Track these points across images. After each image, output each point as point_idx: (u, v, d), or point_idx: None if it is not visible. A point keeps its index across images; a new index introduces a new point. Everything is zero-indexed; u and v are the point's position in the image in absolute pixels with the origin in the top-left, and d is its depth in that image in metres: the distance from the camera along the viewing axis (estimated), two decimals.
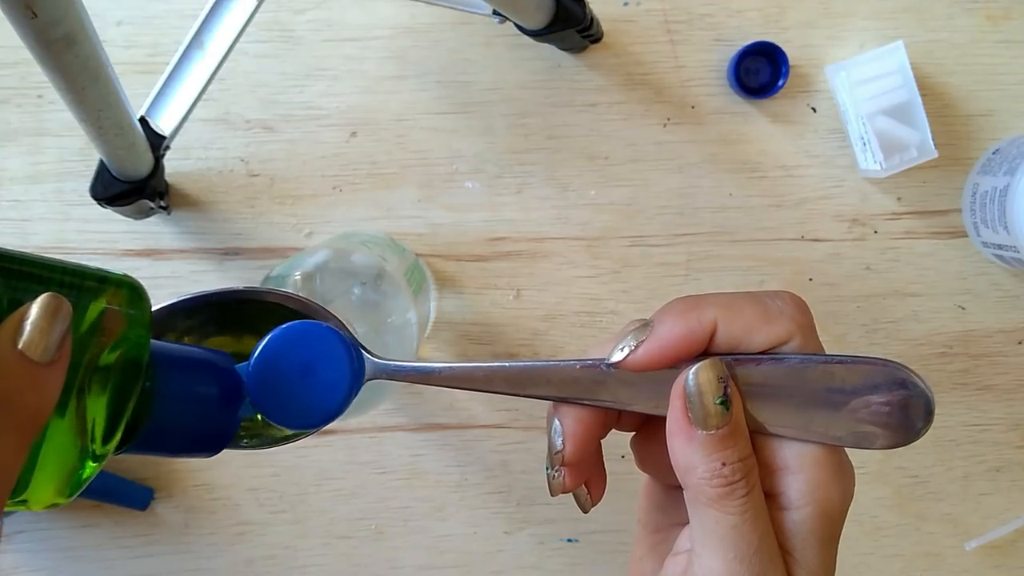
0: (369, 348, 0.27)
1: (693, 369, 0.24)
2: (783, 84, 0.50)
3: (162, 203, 0.49)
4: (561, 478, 0.27)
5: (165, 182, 0.50)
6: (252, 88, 0.51)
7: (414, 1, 0.49)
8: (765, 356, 0.25)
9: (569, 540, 0.53)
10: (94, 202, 0.45)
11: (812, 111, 0.52)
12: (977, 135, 0.51)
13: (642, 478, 0.30)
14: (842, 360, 0.25)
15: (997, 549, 0.53)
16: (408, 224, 0.51)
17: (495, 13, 0.46)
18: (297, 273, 0.41)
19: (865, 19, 0.51)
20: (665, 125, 0.51)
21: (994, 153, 0.50)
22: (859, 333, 0.52)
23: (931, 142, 0.49)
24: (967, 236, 0.52)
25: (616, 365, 0.25)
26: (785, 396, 0.25)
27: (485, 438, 0.52)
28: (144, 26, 0.51)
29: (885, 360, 0.24)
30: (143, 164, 0.44)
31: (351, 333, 0.27)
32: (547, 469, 0.27)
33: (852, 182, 0.52)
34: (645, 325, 0.25)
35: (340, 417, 0.27)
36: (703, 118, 0.51)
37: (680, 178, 0.52)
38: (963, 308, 0.52)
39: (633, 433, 0.29)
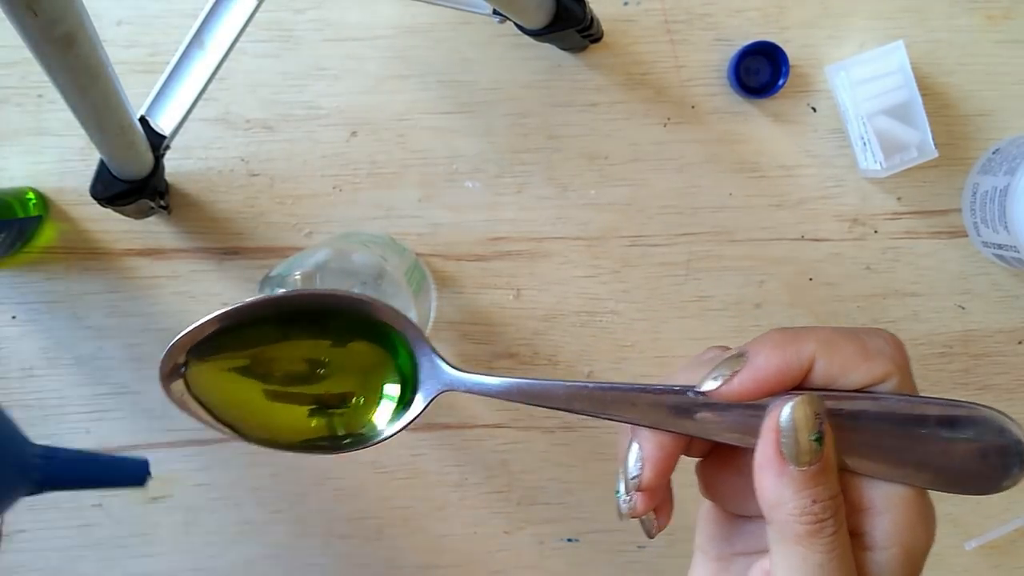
0: None
1: (791, 404, 0.24)
2: (783, 84, 0.50)
3: (162, 203, 0.49)
4: (633, 503, 0.26)
5: (165, 182, 0.50)
6: (252, 88, 0.51)
7: (414, 1, 0.49)
8: (859, 394, 0.24)
9: (569, 540, 0.53)
10: (94, 202, 0.45)
11: (812, 111, 0.52)
12: (977, 135, 0.51)
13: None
14: (938, 403, 0.24)
15: (997, 549, 0.53)
16: (408, 224, 0.51)
17: (495, 13, 0.46)
18: (297, 273, 0.41)
19: (865, 19, 0.51)
20: (665, 125, 0.51)
21: (994, 153, 0.50)
22: None
23: (931, 142, 0.49)
24: (967, 236, 0.52)
25: (708, 394, 0.25)
26: (876, 436, 0.24)
27: (485, 438, 0.52)
28: (144, 26, 0.51)
29: (983, 405, 0.24)
30: (143, 164, 0.44)
31: (429, 341, 0.27)
32: (618, 493, 0.27)
33: (852, 182, 0.52)
34: (739, 355, 0.25)
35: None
36: (703, 118, 0.51)
37: (680, 178, 0.52)
38: (963, 308, 0.52)
39: (699, 459, 0.29)
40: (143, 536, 0.52)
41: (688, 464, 0.32)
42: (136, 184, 0.44)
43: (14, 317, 0.51)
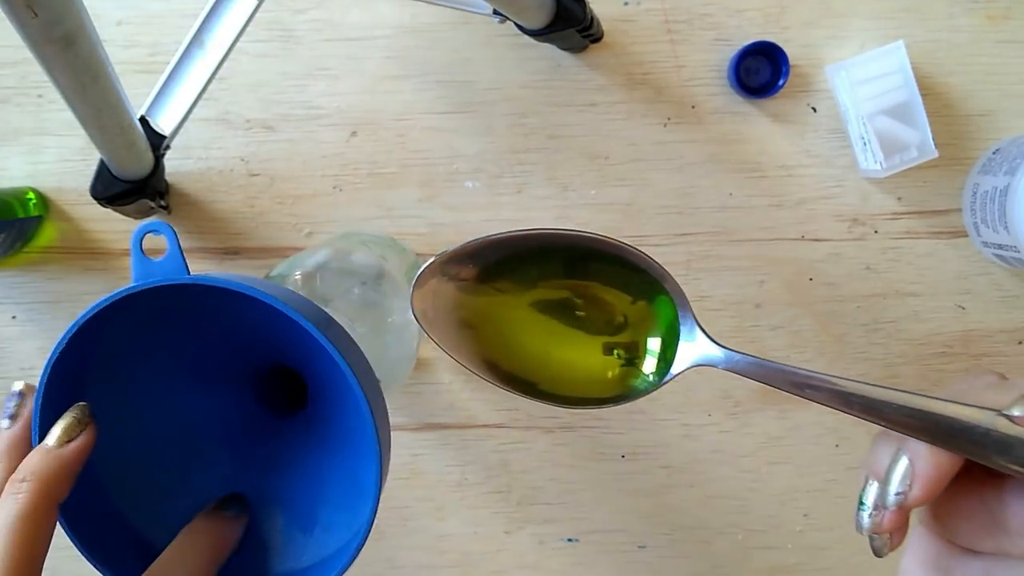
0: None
1: None
2: (783, 84, 0.50)
3: (162, 203, 0.49)
4: (879, 520, 0.25)
5: (165, 182, 0.50)
6: (252, 88, 0.51)
7: (414, 1, 0.49)
8: None
9: (569, 540, 0.53)
10: (94, 202, 0.45)
11: (812, 111, 0.52)
12: (977, 135, 0.51)
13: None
14: None
15: None
16: (408, 224, 0.51)
17: (495, 13, 0.46)
18: (297, 273, 0.41)
19: (865, 19, 0.51)
20: (665, 125, 0.51)
21: (994, 153, 0.50)
22: (859, 333, 0.52)
23: (931, 142, 0.49)
24: (967, 236, 0.52)
25: (1018, 419, 0.23)
26: None
27: (485, 438, 0.52)
28: (144, 25, 0.51)
29: None
30: (143, 164, 0.44)
31: (692, 308, 0.26)
32: (862, 506, 0.25)
33: (852, 182, 0.52)
34: None
35: None
36: (703, 118, 0.51)
37: (680, 178, 0.52)
38: (963, 308, 0.52)
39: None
40: None
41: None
42: (136, 184, 0.44)
43: (14, 317, 0.51)
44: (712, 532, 0.53)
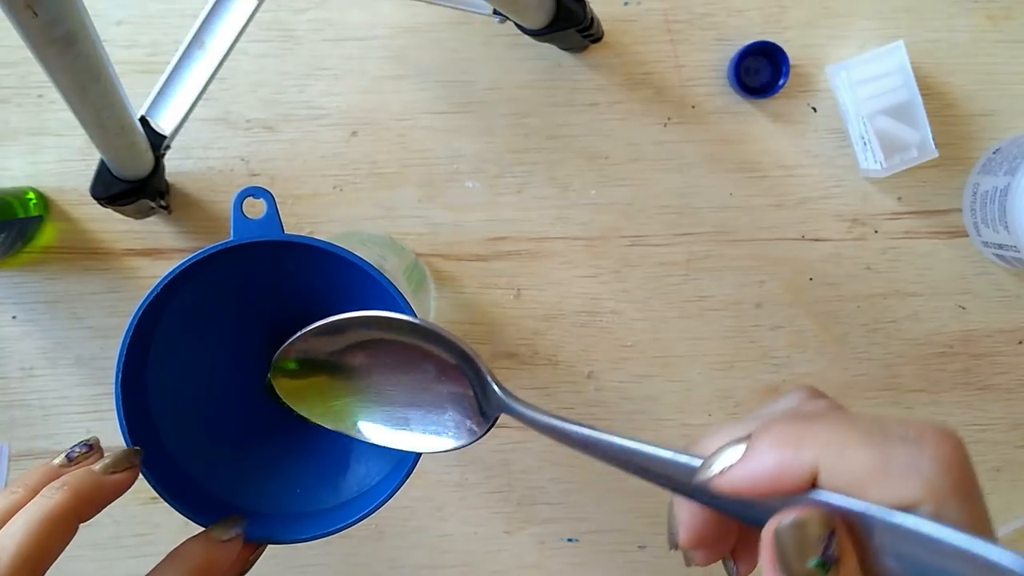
0: None
1: (788, 519, 0.20)
2: (783, 84, 0.50)
3: (163, 203, 0.49)
4: (690, 558, 0.25)
5: (166, 181, 0.50)
6: (252, 88, 0.51)
7: (414, 1, 0.49)
8: (892, 510, 0.19)
9: (569, 540, 0.53)
10: (94, 202, 0.45)
11: (812, 111, 0.52)
12: (977, 135, 0.52)
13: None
14: (963, 545, 0.18)
15: None
16: (408, 224, 0.51)
17: (495, 13, 0.46)
18: None
19: (865, 19, 0.51)
20: (665, 125, 0.51)
21: (994, 153, 0.50)
22: (859, 333, 0.52)
23: (931, 142, 0.49)
24: (967, 236, 0.52)
25: (703, 482, 0.22)
26: (916, 566, 0.19)
27: (485, 438, 0.52)
28: (145, 25, 0.51)
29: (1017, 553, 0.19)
30: (144, 164, 0.44)
31: (482, 364, 0.30)
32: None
33: (852, 182, 0.52)
34: (742, 442, 0.22)
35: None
36: (703, 118, 0.51)
37: (680, 178, 0.52)
38: (963, 308, 0.52)
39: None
40: (143, 536, 0.52)
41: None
42: (136, 184, 0.44)
43: (14, 317, 0.51)
44: None
